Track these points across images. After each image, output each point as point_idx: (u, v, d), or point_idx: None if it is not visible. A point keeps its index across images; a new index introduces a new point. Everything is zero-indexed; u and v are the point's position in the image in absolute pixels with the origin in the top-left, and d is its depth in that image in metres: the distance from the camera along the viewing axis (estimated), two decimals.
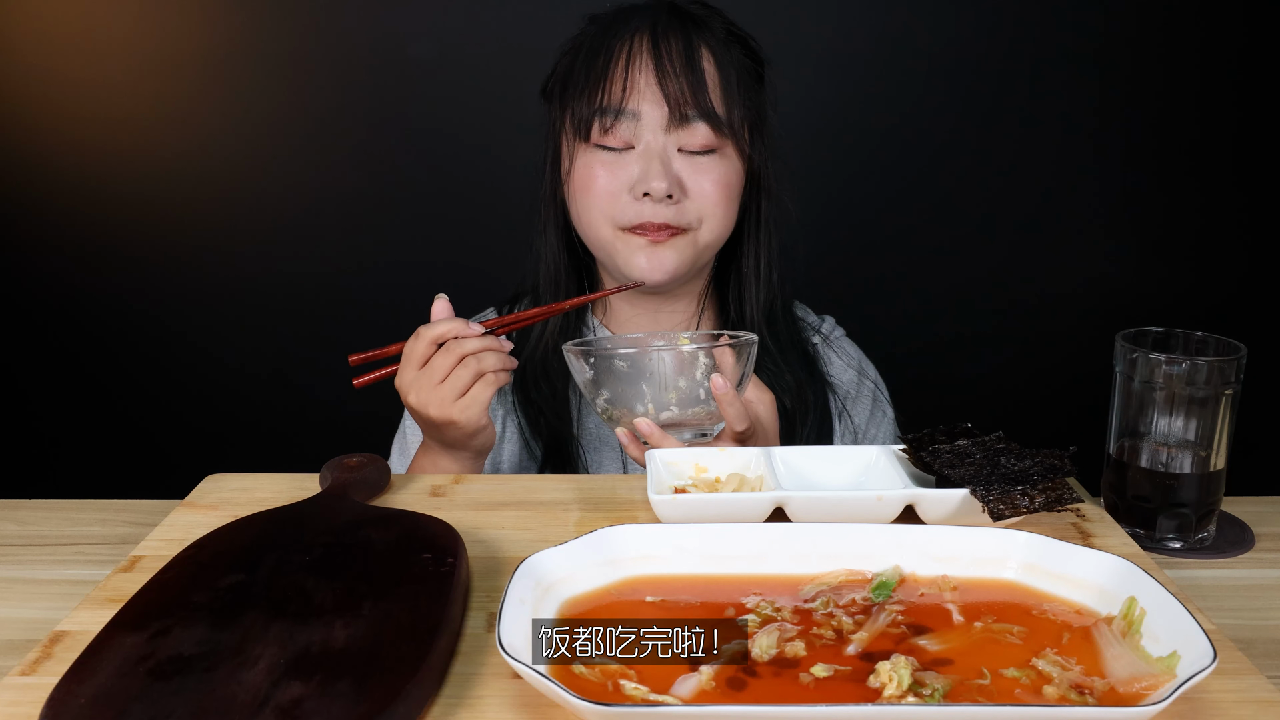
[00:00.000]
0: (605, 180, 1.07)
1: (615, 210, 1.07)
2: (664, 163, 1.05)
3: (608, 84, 1.05)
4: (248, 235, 1.93)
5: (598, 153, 1.07)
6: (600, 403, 0.92)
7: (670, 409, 0.91)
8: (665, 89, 1.04)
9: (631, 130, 1.06)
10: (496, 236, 1.88)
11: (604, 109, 1.05)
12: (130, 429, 2.01)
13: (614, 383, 0.90)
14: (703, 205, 1.08)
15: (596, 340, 1.14)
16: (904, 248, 1.92)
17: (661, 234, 1.07)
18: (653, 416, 0.90)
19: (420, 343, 0.95)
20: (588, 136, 1.07)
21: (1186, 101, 1.86)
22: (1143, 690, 0.56)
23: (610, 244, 1.09)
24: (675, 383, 0.91)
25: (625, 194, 1.06)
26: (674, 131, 1.06)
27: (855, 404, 1.19)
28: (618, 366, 0.90)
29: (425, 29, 1.84)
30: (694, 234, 1.09)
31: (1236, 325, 1.06)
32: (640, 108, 1.05)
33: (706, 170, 1.07)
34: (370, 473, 0.85)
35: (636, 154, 1.06)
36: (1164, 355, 0.85)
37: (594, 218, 1.09)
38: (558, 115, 1.12)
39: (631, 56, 1.05)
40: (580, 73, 1.07)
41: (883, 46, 1.84)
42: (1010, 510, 0.75)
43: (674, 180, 1.06)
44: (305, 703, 0.54)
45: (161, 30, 1.84)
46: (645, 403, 0.90)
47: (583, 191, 1.08)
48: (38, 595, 0.81)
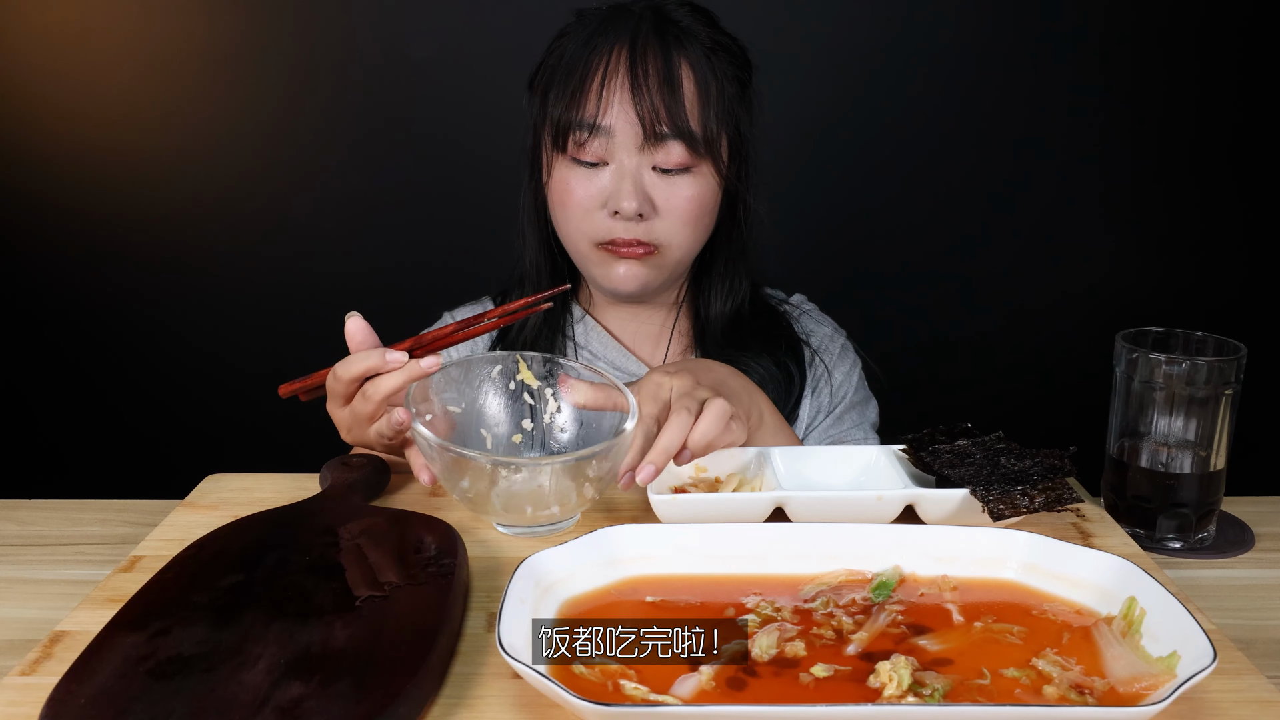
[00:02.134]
0: (579, 195, 1.07)
1: (588, 225, 1.07)
2: (635, 182, 1.05)
3: (583, 98, 1.05)
4: (248, 235, 1.93)
5: (573, 166, 1.07)
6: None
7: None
8: (639, 108, 1.03)
9: (605, 146, 1.05)
10: (496, 236, 1.88)
11: (579, 123, 1.05)
12: (130, 429, 2.01)
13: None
14: (671, 225, 1.08)
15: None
16: (904, 248, 1.92)
17: (633, 249, 1.07)
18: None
19: (339, 383, 0.88)
20: (565, 148, 1.06)
21: (1187, 102, 1.86)
22: (1143, 690, 0.56)
23: (585, 255, 1.10)
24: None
25: (599, 209, 1.06)
26: (648, 150, 1.05)
27: (831, 359, 1.20)
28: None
29: (425, 29, 1.84)
30: (663, 252, 1.09)
31: (1236, 325, 1.06)
32: (614, 125, 1.04)
33: (680, 189, 1.07)
34: (370, 473, 0.86)
35: (610, 170, 1.06)
36: (1164, 355, 0.85)
37: (569, 230, 1.10)
38: (538, 116, 1.11)
39: (608, 73, 1.04)
40: (559, 82, 1.07)
41: (882, 47, 1.84)
42: (1010, 510, 0.75)
43: (644, 199, 1.05)
44: (305, 703, 0.54)
45: (161, 30, 1.84)
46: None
47: (559, 204, 1.09)
48: (38, 595, 0.81)
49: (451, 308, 1.26)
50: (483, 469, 0.74)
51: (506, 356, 0.86)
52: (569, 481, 0.75)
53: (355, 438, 0.90)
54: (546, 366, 0.87)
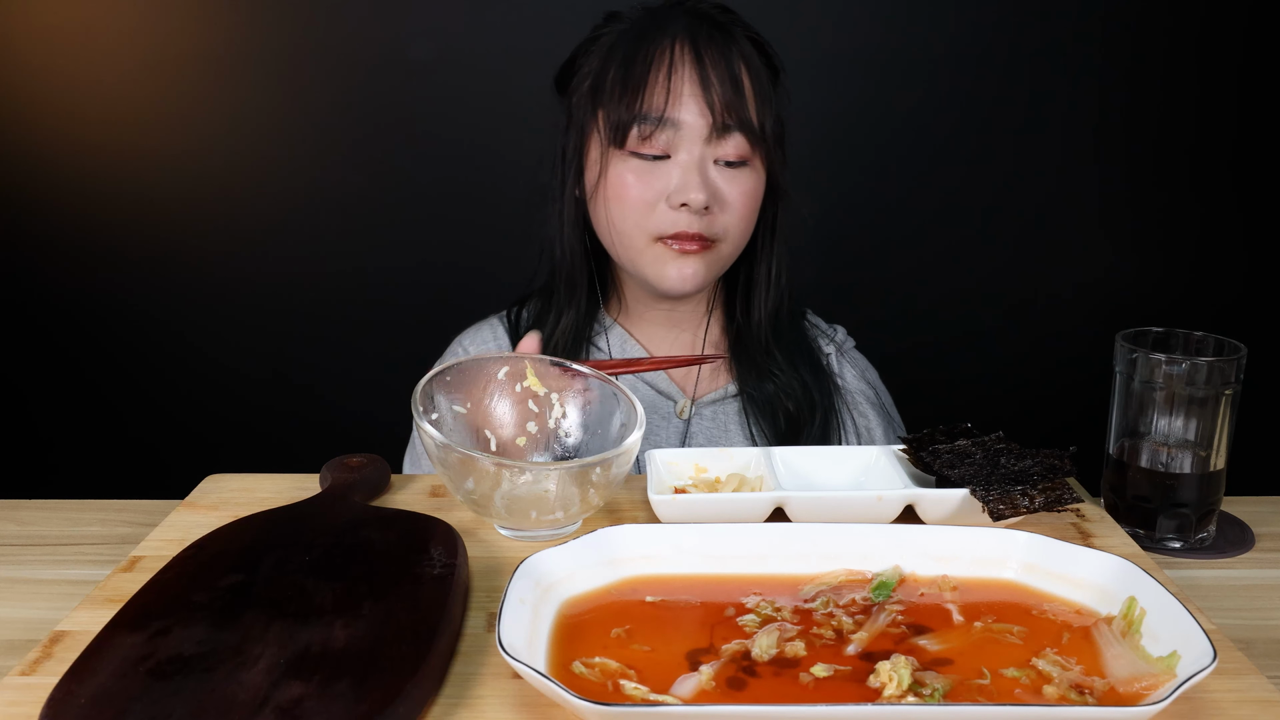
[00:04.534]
0: (641, 189, 1.06)
1: (649, 219, 1.07)
2: (703, 174, 1.05)
3: (648, 91, 1.04)
4: (247, 235, 1.93)
5: (631, 160, 1.06)
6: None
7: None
8: (709, 99, 1.04)
9: (670, 139, 1.05)
10: (496, 237, 1.88)
11: (644, 116, 1.04)
12: (130, 429, 2.00)
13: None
14: (730, 218, 1.08)
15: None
16: (904, 248, 1.92)
17: (694, 244, 1.07)
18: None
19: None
20: (623, 143, 1.06)
21: (1187, 102, 1.86)
22: (1143, 690, 0.57)
23: (641, 253, 1.09)
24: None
25: (661, 203, 1.06)
26: (713, 142, 1.05)
27: (863, 412, 1.19)
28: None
29: (425, 29, 1.84)
30: (719, 246, 1.09)
31: (1236, 325, 1.06)
32: (681, 117, 1.04)
33: (739, 182, 1.07)
34: (370, 473, 0.85)
35: (674, 163, 1.05)
36: (1164, 355, 0.85)
37: (627, 226, 1.08)
38: (586, 115, 1.10)
39: (674, 64, 1.04)
40: (616, 77, 1.06)
41: (881, 48, 1.84)
42: (1010, 510, 0.75)
43: (712, 192, 1.06)
44: (305, 703, 0.54)
45: (161, 30, 1.84)
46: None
47: (616, 200, 1.07)
48: (38, 595, 0.81)
49: (457, 323, 1.24)
50: (487, 471, 0.74)
51: (514, 359, 0.87)
52: (574, 487, 0.75)
53: None
54: (556, 369, 0.87)
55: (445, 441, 0.74)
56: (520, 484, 0.75)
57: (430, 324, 1.32)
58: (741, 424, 1.15)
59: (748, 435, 1.15)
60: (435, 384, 0.81)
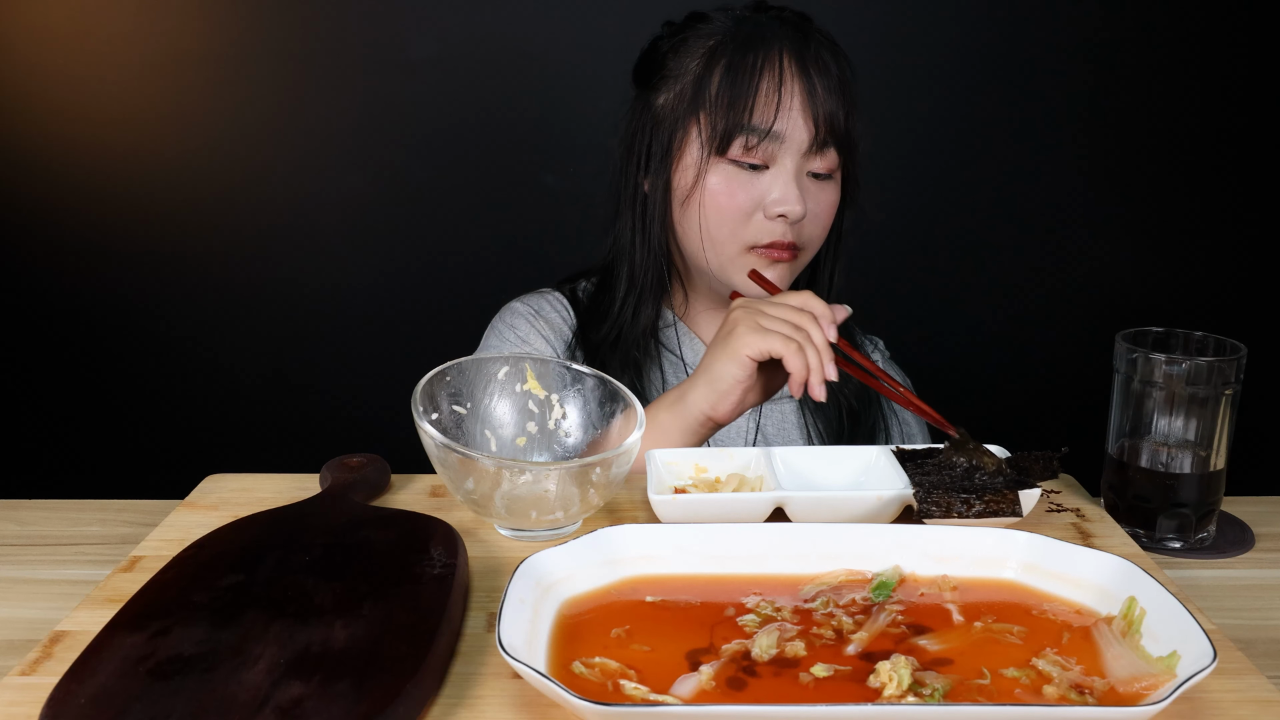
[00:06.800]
0: (741, 198, 1.06)
1: (745, 229, 1.07)
2: (801, 186, 1.06)
3: (755, 102, 1.04)
4: (247, 235, 1.93)
5: (730, 168, 1.06)
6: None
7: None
8: (814, 113, 1.04)
9: (772, 150, 1.05)
10: (496, 237, 1.89)
11: (751, 128, 1.04)
12: (130, 429, 2.01)
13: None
14: (814, 228, 1.09)
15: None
16: (904, 248, 1.92)
17: (786, 253, 1.08)
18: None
19: (788, 306, 0.94)
20: (725, 151, 1.06)
21: (1187, 101, 1.86)
22: (1143, 690, 0.56)
23: (732, 260, 1.09)
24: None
25: (758, 213, 1.07)
26: (810, 155, 1.06)
27: (905, 420, 1.22)
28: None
29: (425, 29, 1.84)
30: (803, 254, 1.10)
31: (1236, 325, 1.06)
32: (787, 129, 1.05)
33: (825, 194, 1.09)
34: (370, 473, 0.86)
35: (772, 174, 1.06)
36: (1164, 355, 0.85)
37: (722, 234, 1.08)
38: (681, 117, 1.08)
39: (783, 76, 1.04)
40: (723, 84, 1.05)
41: (881, 49, 1.84)
42: (941, 512, 0.76)
43: (811, 204, 1.07)
44: (305, 703, 0.54)
45: (161, 30, 1.84)
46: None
47: (714, 208, 1.07)
48: (38, 595, 0.81)
49: (457, 323, 1.24)
50: (487, 471, 0.74)
51: (515, 360, 0.87)
52: (574, 487, 0.75)
53: (732, 320, 0.95)
54: (558, 370, 0.87)
55: (445, 442, 0.74)
56: (520, 484, 0.75)
57: (430, 323, 1.32)
58: (799, 422, 1.18)
59: (805, 435, 1.18)
60: (435, 384, 0.81)
